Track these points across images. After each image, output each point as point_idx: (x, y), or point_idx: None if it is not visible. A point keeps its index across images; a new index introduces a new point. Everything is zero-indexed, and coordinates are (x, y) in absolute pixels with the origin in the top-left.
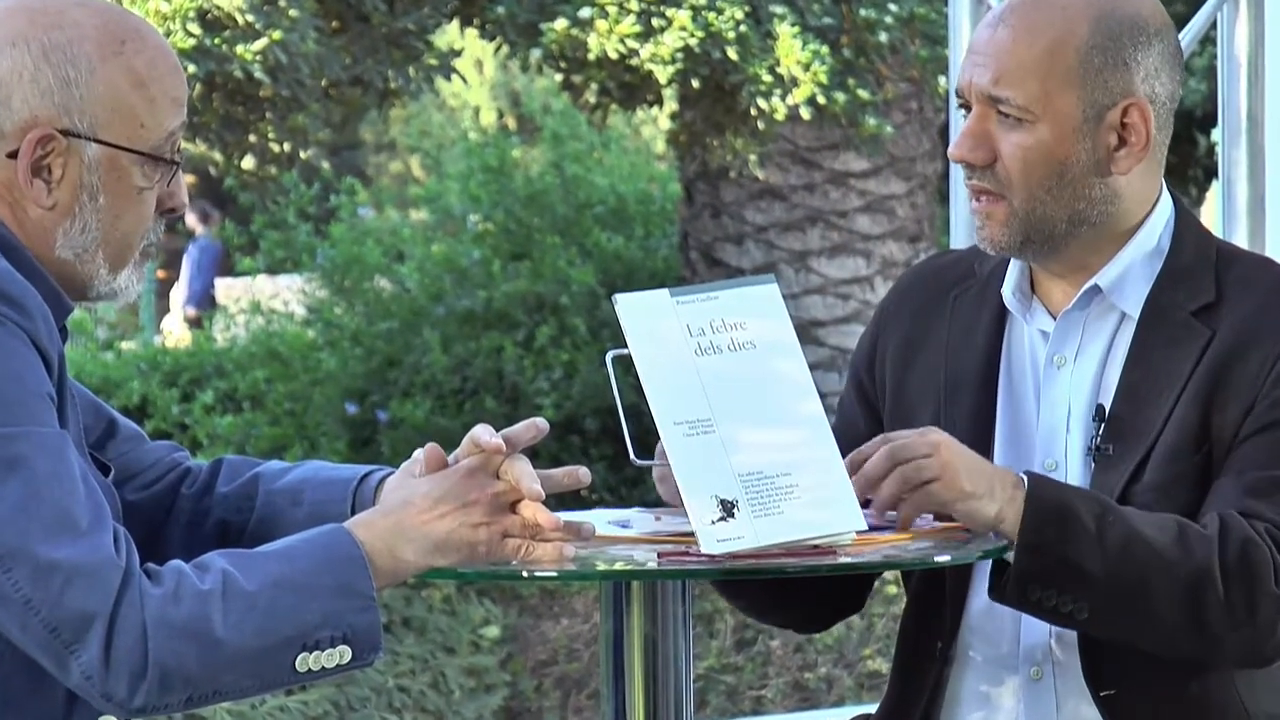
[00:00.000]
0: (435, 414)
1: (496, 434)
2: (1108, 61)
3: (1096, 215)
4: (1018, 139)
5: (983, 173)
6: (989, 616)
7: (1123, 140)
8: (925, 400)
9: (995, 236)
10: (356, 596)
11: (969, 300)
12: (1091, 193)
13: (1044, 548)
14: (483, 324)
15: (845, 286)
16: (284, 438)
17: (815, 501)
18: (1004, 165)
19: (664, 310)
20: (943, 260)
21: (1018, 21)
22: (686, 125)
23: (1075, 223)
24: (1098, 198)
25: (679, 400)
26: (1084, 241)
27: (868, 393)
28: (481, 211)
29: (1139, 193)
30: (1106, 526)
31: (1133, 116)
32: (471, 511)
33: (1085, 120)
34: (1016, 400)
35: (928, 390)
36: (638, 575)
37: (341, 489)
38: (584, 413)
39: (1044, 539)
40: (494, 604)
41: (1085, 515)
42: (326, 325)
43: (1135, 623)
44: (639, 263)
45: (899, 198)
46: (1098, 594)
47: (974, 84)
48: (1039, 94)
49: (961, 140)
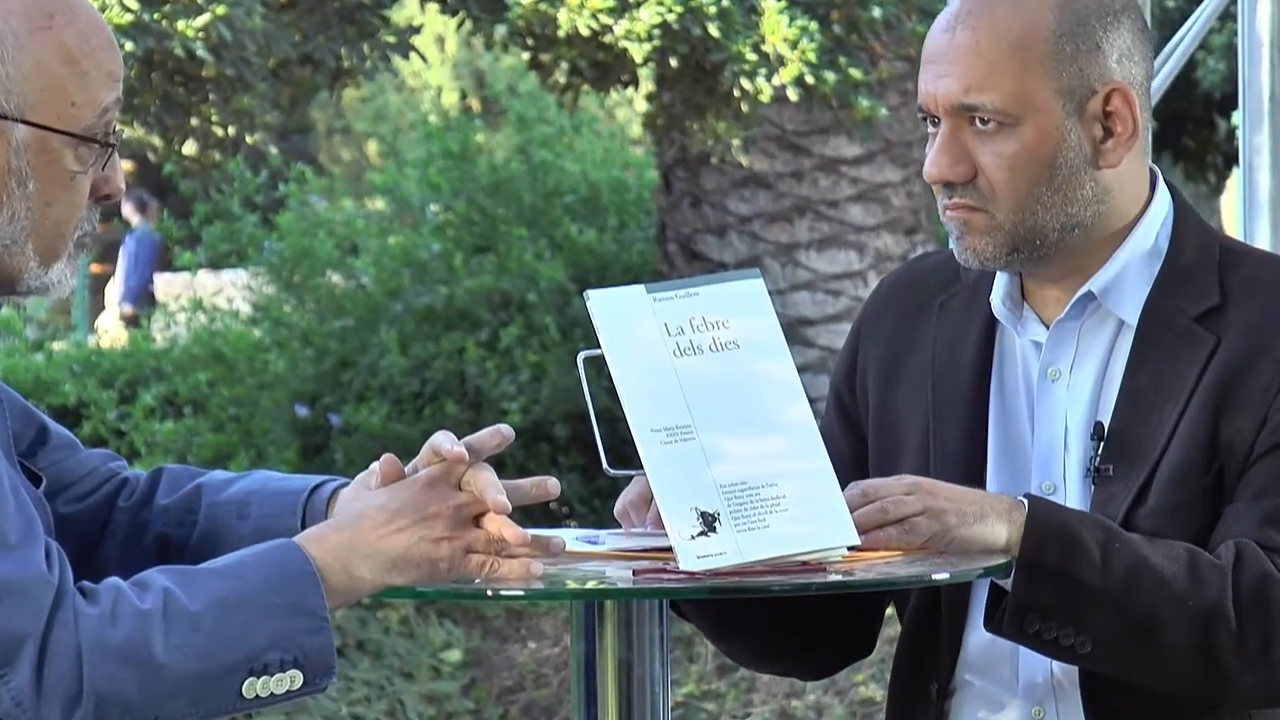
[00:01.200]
0: (392, 420)
1: (458, 441)
2: (1080, 48)
3: (1089, 216)
4: (999, 147)
5: (964, 189)
6: (988, 649)
7: (1108, 130)
8: (912, 420)
9: (978, 247)
10: (308, 616)
11: (956, 309)
12: (1083, 192)
13: (1044, 575)
14: (444, 323)
15: (836, 282)
16: (228, 445)
17: (803, 515)
18: (986, 178)
19: (640, 308)
20: (926, 264)
21: (977, 22)
22: (664, 108)
23: (1067, 228)
24: (1090, 197)
25: (656, 405)
26: (1075, 246)
27: (849, 411)
28: (442, 201)
29: (1130, 186)
30: (1112, 554)
31: (1115, 103)
32: (432, 525)
33: (1067, 115)
34: (1009, 418)
35: (914, 409)
36: (611, 594)
37: (291, 501)
38: (553, 419)
39: (1045, 566)
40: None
41: (1089, 541)
42: (274, 324)
43: (1141, 659)
44: (613, 256)
45: (894, 186)
46: (1102, 627)
47: (940, 96)
48: (1015, 94)
49: (937, 158)
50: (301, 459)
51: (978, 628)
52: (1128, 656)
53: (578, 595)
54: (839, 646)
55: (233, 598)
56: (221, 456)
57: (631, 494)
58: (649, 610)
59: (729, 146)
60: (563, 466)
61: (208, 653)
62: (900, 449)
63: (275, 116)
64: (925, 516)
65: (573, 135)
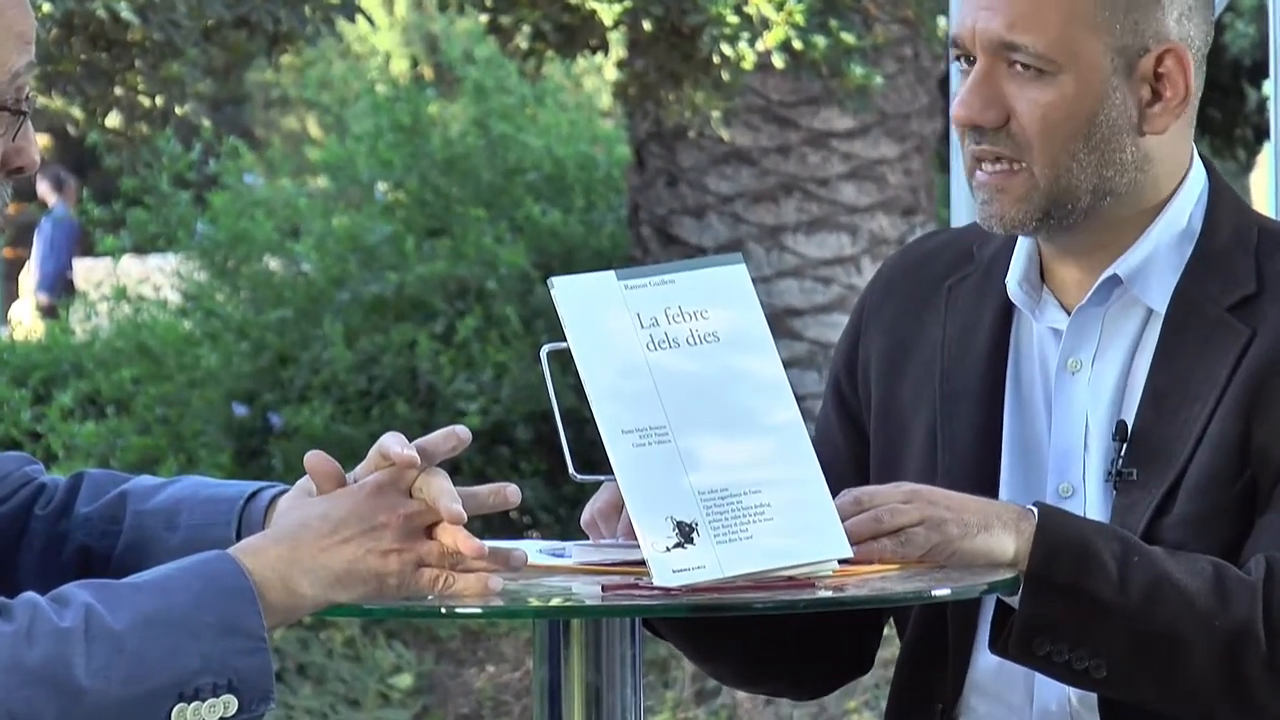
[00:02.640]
0: (337, 421)
1: (409, 444)
2: (1137, 0)
3: (1125, 184)
4: (1036, 94)
5: (994, 135)
6: (998, 671)
7: (1157, 94)
8: (918, 415)
9: (1008, 213)
10: (243, 636)
11: (967, 292)
12: (1122, 156)
13: (1055, 592)
14: (394, 313)
15: (827, 268)
16: (156, 449)
17: (790, 525)
18: (1021, 125)
19: (610, 297)
20: (934, 243)
21: None
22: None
23: (1100, 194)
24: (1128, 162)
25: (627, 404)
26: (1106, 218)
27: (849, 405)
28: (392, 179)
29: (1170, 158)
30: (1130, 568)
31: (1168, 64)
32: (379, 536)
33: (1114, 70)
34: (1025, 413)
35: (921, 403)
36: (578, 612)
37: (225, 510)
38: (514, 419)
39: (1055, 581)
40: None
41: (1105, 554)
42: (206, 315)
43: (1162, 685)
44: (580, 240)
45: (890, 162)
46: (1119, 649)
47: (980, 30)
48: (1060, 40)
49: (968, 99)
50: (236, 463)
51: (986, 647)
52: (1147, 682)
53: (541, 613)
54: (833, 664)
55: (160, 616)
56: (148, 461)
57: (600, 502)
58: (619, 630)
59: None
60: (524, 472)
61: (132, 676)
62: (905, 447)
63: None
64: (924, 527)
65: (536, 106)
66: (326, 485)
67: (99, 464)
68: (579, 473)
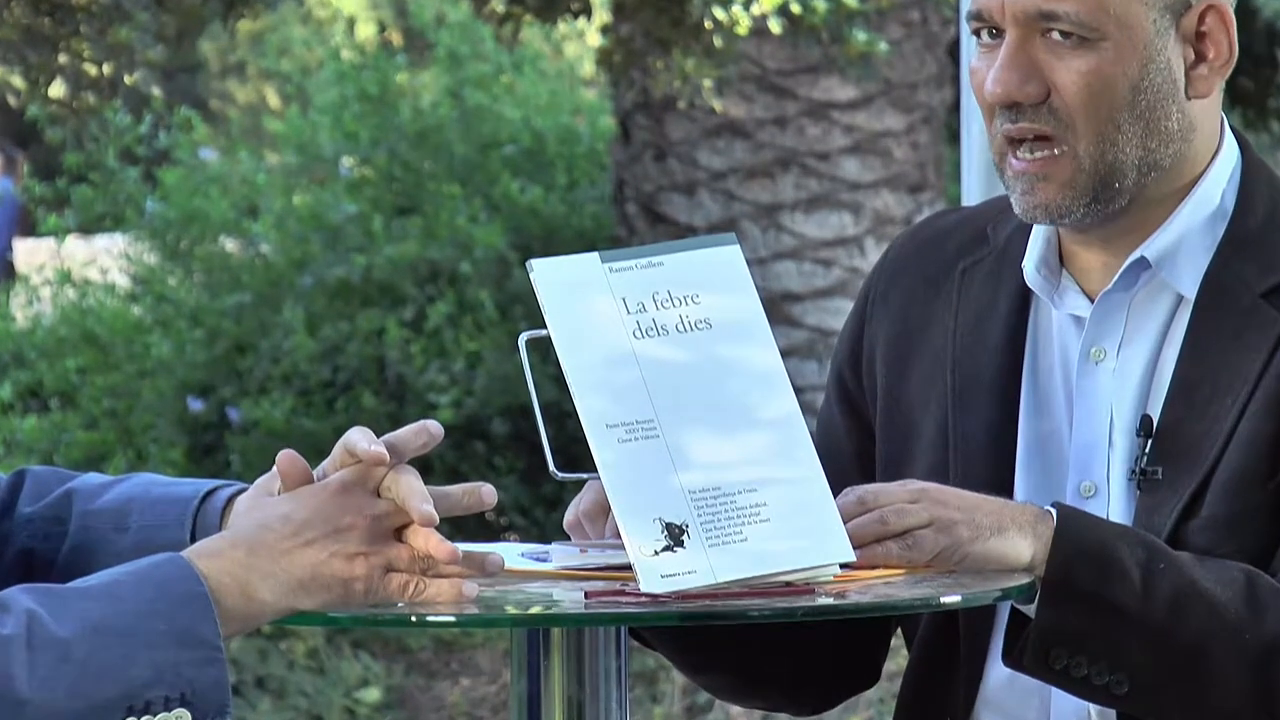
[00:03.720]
0: (298, 414)
1: (377, 440)
2: None
3: (1169, 156)
4: (1078, 64)
5: (1035, 111)
6: (1012, 685)
7: (1200, 55)
8: (927, 408)
9: (1053, 202)
10: (198, 646)
11: (982, 276)
12: (1168, 125)
13: (1074, 601)
14: (360, 298)
15: (827, 249)
16: (103, 445)
17: (788, 527)
18: (1063, 99)
19: (593, 280)
20: (946, 222)
21: None
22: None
23: (1145, 169)
24: (1174, 131)
25: (613, 396)
26: (1147, 196)
27: (853, 397)
28: (358, 153)
29: (1206, 128)
30: (1155, 576)
31: (1209, 22)
32: (345, 539)
33: (1157, 33)
34: (1044, 407)
35: (930, 395)
36: (559, 620)
37: (179, 510)
38: (490, 413)
39: (1074, 589)
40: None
41: (1128, 560)
42: (157, 300)
43: (1188, 702)
44: (561, 219)
45: (896, 135)
46: (1142, 664)
47: (1012, 2)
48: (1101, 4)
49: (1004, 75)
50: (190, 460)
51: (1000, 658)
52: (1172, 698)
53: (519, 622)
54: (835, 676)
55: (108, 623)
56: (95, 457)
57: (585, 502)
58: (603, 640)
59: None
60: (501, 470)
61: (78, 688)
62: (914, 443)
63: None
64: (932, 529)
65: (513, 75)
66: (291, 485)
67: (42, 461)
68: (560, 471)
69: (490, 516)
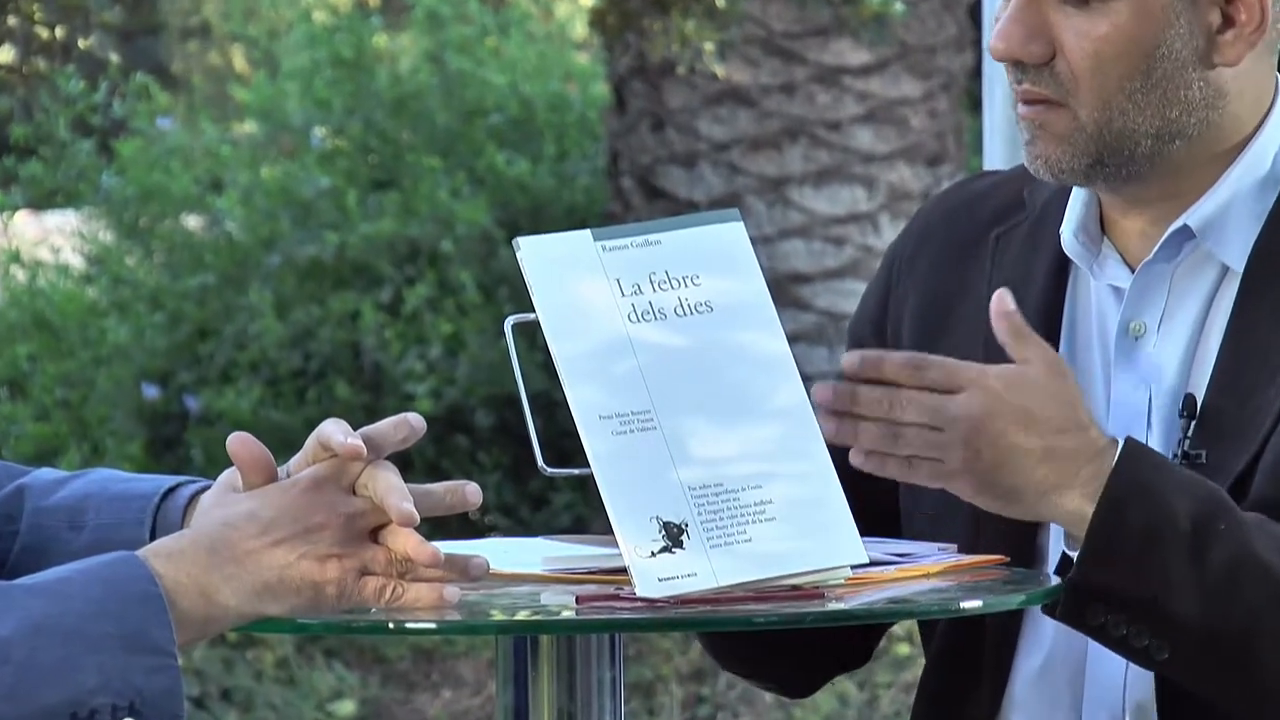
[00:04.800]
0: (266, 405)
1: (354, 433)
2: None
3: (1194, 125)
4: (1087, 25)
5: (1037, 73)
6: (1039, 686)
7: (1229, 19)
8: None
9: (1052, 156)
10: (150, 652)
11: (1017, 243)
12: (1188, 94)
13: (1117, 558)
14: (333, 279)
15: (839, 226)
16: (56, 437)
17: (796, 526)
18: (1068, 62)
19: (585, 259)
20: (979, 186)
21: None
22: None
23: (1165, 137)
24: (1196, 100)
25: (606, 385)
26: (1175, 163)
27: None
28: (331, 123)
29: (1250, 93)
30: (1211, 538)
31: None
32: (317, 539)
33: None
34: (1081, 381)
35: None
36: (548, 627)
37: (138, 508)
38: (473, 404)
39: (1118, 545)
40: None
41: (1182, 517)
42: (114, 282)
43: (1230, 679)
44: (550, 194)
45: (913, 103)
46: (1185, 633)
47: None
48: None
49: (1008, 30)
50: (149, 454)
51: (1030, 652)
52: (1215, 674)
53: (505, 628)
54: (829, 660)
55: (52, 623)
56: (47, 451)
57: None
58: (596, 648)
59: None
60: (485, 465)
61: (16, 691)
62: None
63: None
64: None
65: (499, 38)
66: (253, 476)
67: None
68: (549, 466)
69: (473, 516)
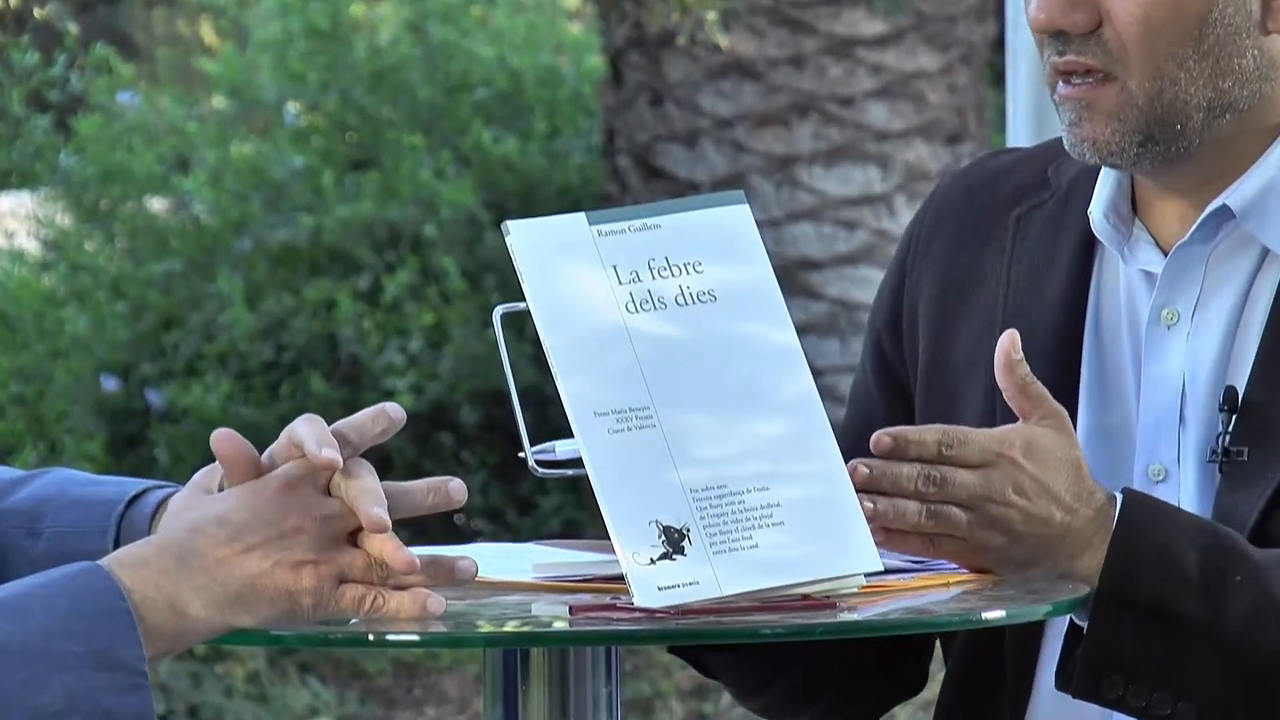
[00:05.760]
0: (235, 401)
1: (328, 431)
2: None
3: (1245, 98)
4: None
5: (1082, 42)
6: (1064, 698)
7: None
8: (974, 375)
9: (1101, 137)
10: (118, 669)
11: (1040, 224)
12: (1241, 63)
13: (1129, 621)
14: (307, 266)
15: (851, 209)
16: (11, 435)
17: (806, 531)
18: (1115, 29)
19: (579, 244)
20: (1000, 163)
21: None
22: None
23: (1217, 110)
24: (1250, 70)
25: (602, 379)
26: (1222, 139)
27: (891, 366)
28: (305, 97)
29: None
30: (1229, 589)
31: None
32: (291, 545)
33: None
34: (1107, 376)
35: (977, 361)
36: (539, 639)
37: (101, 514)
38: (458, 399)
39: (1128, 606)
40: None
41: (1192, 570)
42: (73, 269)
43: (1269, 716)
44: (541, 174)
45: (930, 76)
46: (1211, 691)
47: None
48: None
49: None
50: (110, 453)
51: (1054, 663)
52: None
53: (493, 641)
54: (888, 686)
55: (15, 642)
56: (1, 450)
57: None
58: (591, 662)
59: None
60: (470, 466)
61: None
62: (957, 416)
63: None
64: (981, 541)
65: (485, 6)
66: (238, 476)
67: None
68: (540, 467)
69: (459, 520)
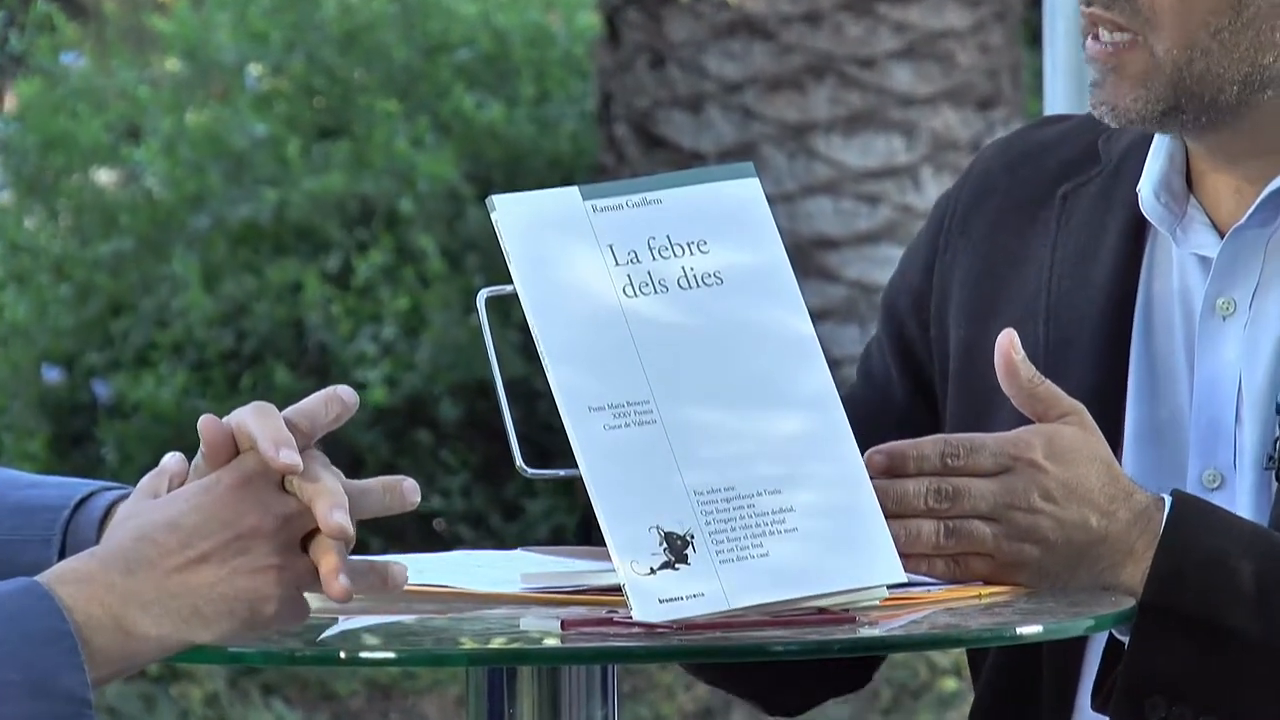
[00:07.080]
0: (191, 393)
1: (285, 430)
2: None
3: None
4: None
5: (1113, 2)
6: None
7: None
8: None
9: (1122, 102)
10: (60, 699)
11: (1089, 201)
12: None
13: (1173, 637)
14: (271, 245)
15: (873, 182)
16: None
17: (822, 539)
18: None
19: (572, 221)
20: (1045, 134)
21: None
22: None
23: (1254, 85)
24: None
25: (597, 370)
26: (1267, 115)
27: (913, 349)
28: (268, 60)
29: None
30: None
31: None
32: (249, 548)
33: None
34: (1158, 370)
35: None
36: (528, 657)
37: (45, 520)
38: (437, 392)
39: (1173, 622)
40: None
41: (1246, 580)
42: (12, 248)
43: None
44: (530, 143)
45: (959, 35)
46: (1263, 716)
47: None
48: None
49: None
50: (53, 451)
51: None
52: None
53: (477, 659)
54: (822, 680)
55: None
56: None
57: None
58: (585, 681)
59: None
60: (451, 466)
61: None
62: (993, 412)
63: None
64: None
65: None
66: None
67: None
68: (529, 466)
69: (438, 526)
